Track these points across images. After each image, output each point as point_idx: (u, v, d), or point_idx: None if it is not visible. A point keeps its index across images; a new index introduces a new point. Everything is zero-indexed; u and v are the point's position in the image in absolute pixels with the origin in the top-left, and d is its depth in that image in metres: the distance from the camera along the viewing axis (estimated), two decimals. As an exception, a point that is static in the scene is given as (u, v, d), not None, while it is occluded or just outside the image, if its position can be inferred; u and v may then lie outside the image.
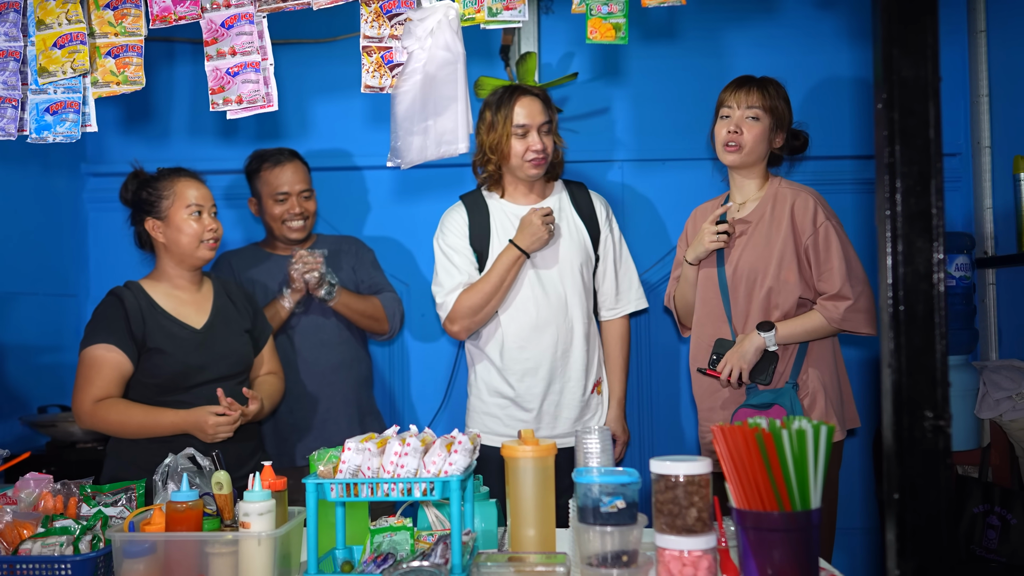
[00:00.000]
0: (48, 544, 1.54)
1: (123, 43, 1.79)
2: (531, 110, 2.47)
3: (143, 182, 2.28)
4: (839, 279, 2.24)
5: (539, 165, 2.50)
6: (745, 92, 2.34)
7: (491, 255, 2.53)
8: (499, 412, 2.54)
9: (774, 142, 2.37)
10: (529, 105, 2.48)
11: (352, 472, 1.53)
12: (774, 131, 2.36)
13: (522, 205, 2.58)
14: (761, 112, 2.32)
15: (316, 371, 2.75)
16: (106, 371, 2.15)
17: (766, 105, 2.33)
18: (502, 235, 2.54)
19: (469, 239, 2.56)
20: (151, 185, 2.26)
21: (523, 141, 2.47)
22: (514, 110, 2.47)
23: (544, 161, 2.50)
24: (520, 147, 2.48)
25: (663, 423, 3.27)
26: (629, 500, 1.47)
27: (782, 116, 2.37)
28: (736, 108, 2.34)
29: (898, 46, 1.32)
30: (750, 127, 2.32)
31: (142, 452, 2.13)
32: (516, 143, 2.48)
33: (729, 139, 2.33)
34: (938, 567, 1.28)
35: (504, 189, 2.61)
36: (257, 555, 1.51)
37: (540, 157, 2.48)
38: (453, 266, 2.54)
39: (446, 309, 2.52)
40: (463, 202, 2.63)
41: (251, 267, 2.79)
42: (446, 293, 2.53)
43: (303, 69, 3.28)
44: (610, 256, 2.64)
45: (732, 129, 2.33)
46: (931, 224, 1.31)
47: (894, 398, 1.30)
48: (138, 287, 2.26)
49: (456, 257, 2.55)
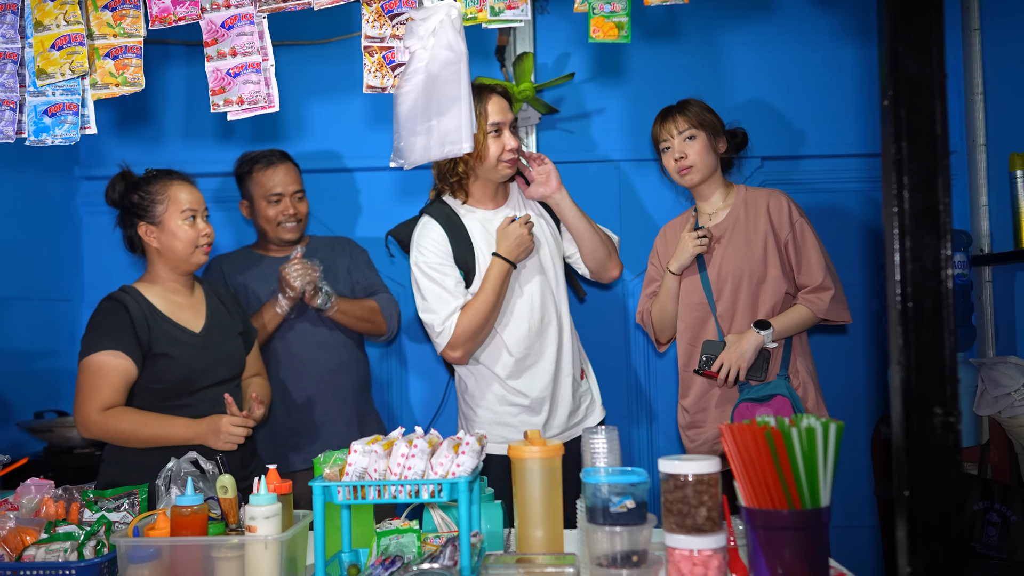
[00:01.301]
0: (52, 550, 1.52)
1: (122, 44, 1.77)
2: (502, 108, 2.39)
3: (133, 185, 2.24)
4: (820, 272, 2.40)
5: (513, 165, 2.43)
6: (672, 121, 2.49)
7: (479, 269, 2.42)
8: (511, 420, 2.47)
9: (718, 149, 2.51)
10: (500, 103, 2.39)
11: (358, 474, 1.52)
12: (714, 140, 2.49)
13: (491, 210, 2.50)
14: (694, 130, 2.47)
15: (314, 374, 2.73)
16: (112, 378, 2.11)
17: (695, 122, 2.47)
18: (484, 248, 2.43)
19: (454, 257, 2.41)
20: (143, 189, 2.22)
21: (498, 140, 2.38)
22: (487, 108, 2.35)
23: (516, 161, 2.43)
24: (496, 147, 2.38)
25: (662, 424, 3.27)
26: (638, 500, 1.46)
27: (714, 125, 2.50)
28: (671, 137, 2.48)
29: (904, 43, 1.33)
30: (690, 147, 2.46)
31: (146, 458, 2.10)
32: (492, 143, 2.37)
33: (679, 166, 2.48)
34: (949, 564, 1.28)
35: (469, 194, 2.48)
36: (264, 559, 1.50)
37: (514, 156, 2.41)
38: (444, 290, 2.37)
39: (446, 336, 2.36)
40: (433, 218, 2.45)
41: (243, 271, 2.77)
42: (443, 320, 2.36)
43: (299, 70, 3.26)
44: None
45: (677, 156, 2.47)
46: (938, 220, 1.31)
47: (903, 395, 1.30)
48: (136, 292, 2.23)
49: (445, 280, 2.39)
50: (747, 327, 2.40)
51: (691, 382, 2.51)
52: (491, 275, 2.36)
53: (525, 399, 2.45)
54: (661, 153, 2.53)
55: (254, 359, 2.45)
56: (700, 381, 2.48)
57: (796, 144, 3.28)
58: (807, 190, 3.22)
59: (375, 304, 2.79)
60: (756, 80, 3.25)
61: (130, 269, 2.47)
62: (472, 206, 2.49)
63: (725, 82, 3.24)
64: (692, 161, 2.45)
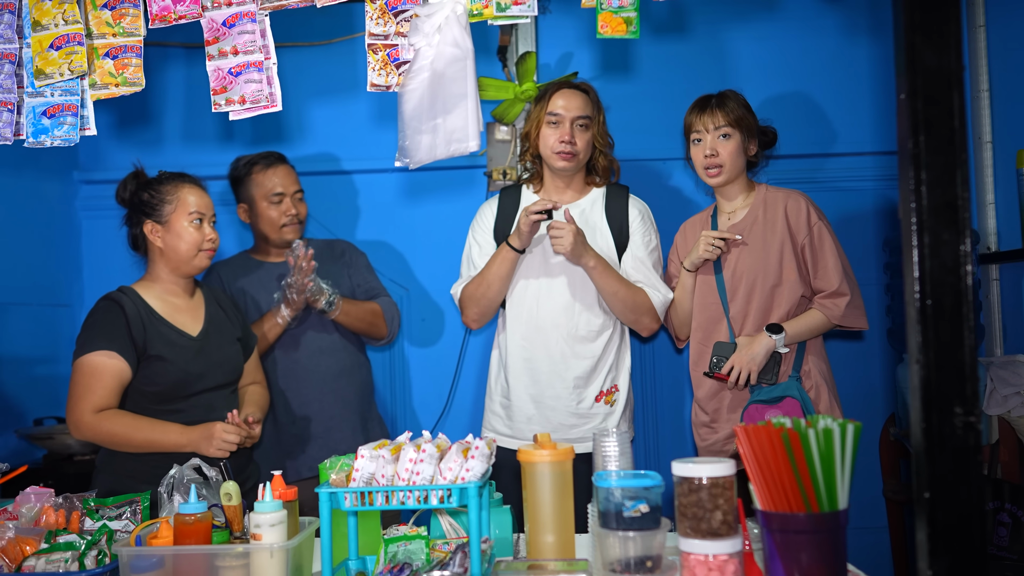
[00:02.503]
0: (52, 560, 1.49)
1: (122, 44, 1.74)
2: (569, 102, 2.43)
3: (144, 183, 2.24)
4: (836, 277, 2.35)
5: (567, 158, 2.43)
6: (710, 114, 2.41)
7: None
8: (501, 411, 2.51)
9: (748, 151, 2.46)
10: (568, 97, 2.44)
11: (366, 480, 1.49)
12: (746, 142, 2.44)
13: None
14: (730, 129, 2.40)
15: (317, 379, 2.70)
16: (106, 379, 2.08)
17: (732, 120, 2.40)
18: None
19: (493, 232, 2.55)
20: (154, 188, 2.22)
21: (555, 131, 2.43)
22: (551, 99, 2.45)
23: (572, 156, 2.44)
24: (551, 137, 2.44)
25: (668, 427, 3.24)
26: (652, 504, 1.43)
27: (750, 125, 2.45)
28: (706, 131, 2.42)
29: (921, 34, 1.30)
30: (724, 146, 2.40)
31: (141, 465, 2.07)
32: (547, 131, 2.44)
33: (708, 163, 2.41)
34: (971, 566, 1.25)
35: (543, 184, 2.58)
36: (269, 567, 1.47)
37: (567, 150, 2.42)
38: (471, 259, 2.57)
39: (456, 297, 2.57)
40: (500, 195, 2.63)
41: (241, 277, 2.73)
42: (459, 283, 2.57)
43: (300, 72, 3.24)
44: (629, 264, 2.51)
45: (708, 153, 2.41)
46: (957, 216, 1.28)
47: (923, 394, 1.27)
48: (134, 292, 2.21)
49: (475, 250, 2.57)
50: (759, 330, 2.37)
51: (703, 382, 2.47)
52: (495, 252, 2.48)
53: (510, 391, 2.48)
54: (691, 143, 2.47)
55: (253, 367, 2.42)
56: (711, 381, 2.45)
57: (805, 142, 3.25)
58: (818, 188, 3.20)
59: (377, 307, 2.76)
60: (764, 78, 3.22)
61: (130, 273, 2.44)
62: (540, 195, 2.57)
63: (732, 80, 3.21)
64: (723, 161, 2.40)
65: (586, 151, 2.47)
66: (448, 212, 3.24)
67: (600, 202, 2.54)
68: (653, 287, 2.48)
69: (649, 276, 2.50)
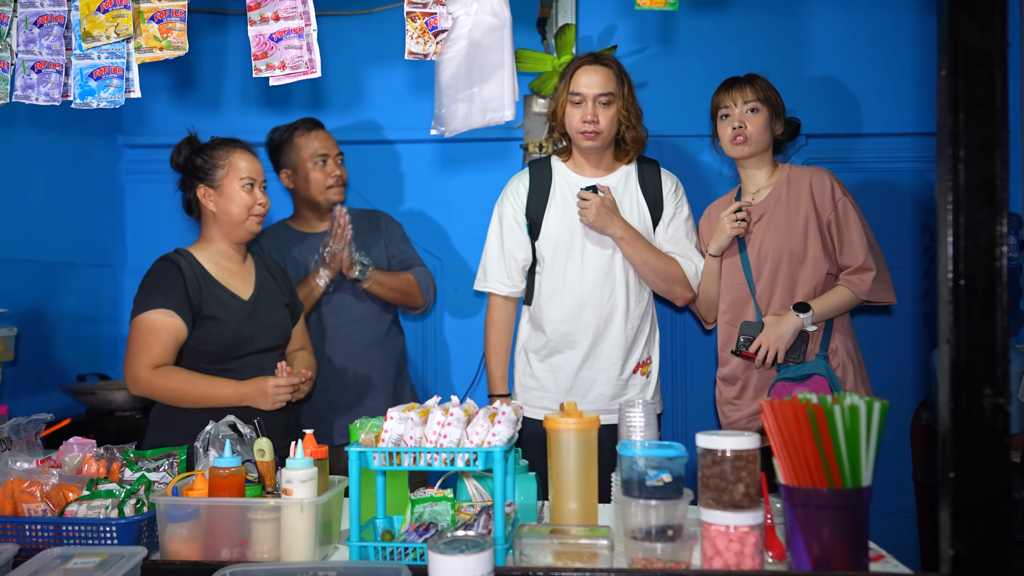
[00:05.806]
0: (93, 507, 1.55)
1: (166, 8, 1.77)
2: (590, 80, 2.41)
3: (197, 149, 2.29)
4: (861, 252, 2.35)
5: (591, 137, 2.42)
6: (739, 90, 2.44)
7: (545, 223, 2.50)
8: (535, 383, 2.53)
9: (775, 130, 2.47)
10: (590, 74, 2.41)
11: (394, 441, 1.52)
12: (773, 119, 2.46)
13: (587, 177, 2.52)
14: (759, 104, 2.42)
15: (351, 348, 2.74)
16: (164, 337, 2.14)
17: (761, 97, 2.43)
18: (559, 203, 2.51)
19: (525, 207, 2.54)
20: (206, 153, 2.27)
21: (578, 110, 2.42)
22: (573, 78, 2.43)
23: (596, 135, 2.42)
24: (575, 116, 2.42)
25: (697, 403, 3.24)
26: (675, 474, 1.44)
27: (777, 105, 2.47)
28: (734, 106, 2.43)
29: (964, 10, 1.28)
30: (752, 119, 2.42)
31: (192, 422, 2.10)
32: (572, 111, 2.43)
33: (735, 134, 2.43)
34: (993, 548, 1.25)
35: (571, 157, 2.57)
36: (299, 522, 1.51)
37: (591, 130, 2.41)
38: (493, 245, 2.60)
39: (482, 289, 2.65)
40: (529, 168, 2.61)
41: (280, 247, 2.77)
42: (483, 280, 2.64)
43: (342, 41, 3.26)
44: (669, 234, 2.53)
45: (736, 125, 2.42)
46: (995, 196, 1.27)
47: (952, 374, 1.27)
48: (190, 255, 2.27)
49: (496, 231, 2.59)
50: (785, 308, 2.37)
51: (729, 360, 2.48)
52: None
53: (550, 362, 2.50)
54: (718, 120, 2.48)
55: (300, 332, 2.47)
56: (737, 360, 2.45)
57: (846, 121, 3.21)
58: (854, 169, 3.15)
59: (412, 277, 2.79)
60: (804, 55, 3.17)
61: (173, 237, 2.49)
62: (570, 168, 2.55)
63: (772, 56, 3.17)
64: (750, 133, 2.41)
65: (610, 128, 2.44)
66: (484, 183, 3.25)
67: (633, 176, 2.54)
68: (686, 257, 2.51)
69: (683, 246, 2.52)
